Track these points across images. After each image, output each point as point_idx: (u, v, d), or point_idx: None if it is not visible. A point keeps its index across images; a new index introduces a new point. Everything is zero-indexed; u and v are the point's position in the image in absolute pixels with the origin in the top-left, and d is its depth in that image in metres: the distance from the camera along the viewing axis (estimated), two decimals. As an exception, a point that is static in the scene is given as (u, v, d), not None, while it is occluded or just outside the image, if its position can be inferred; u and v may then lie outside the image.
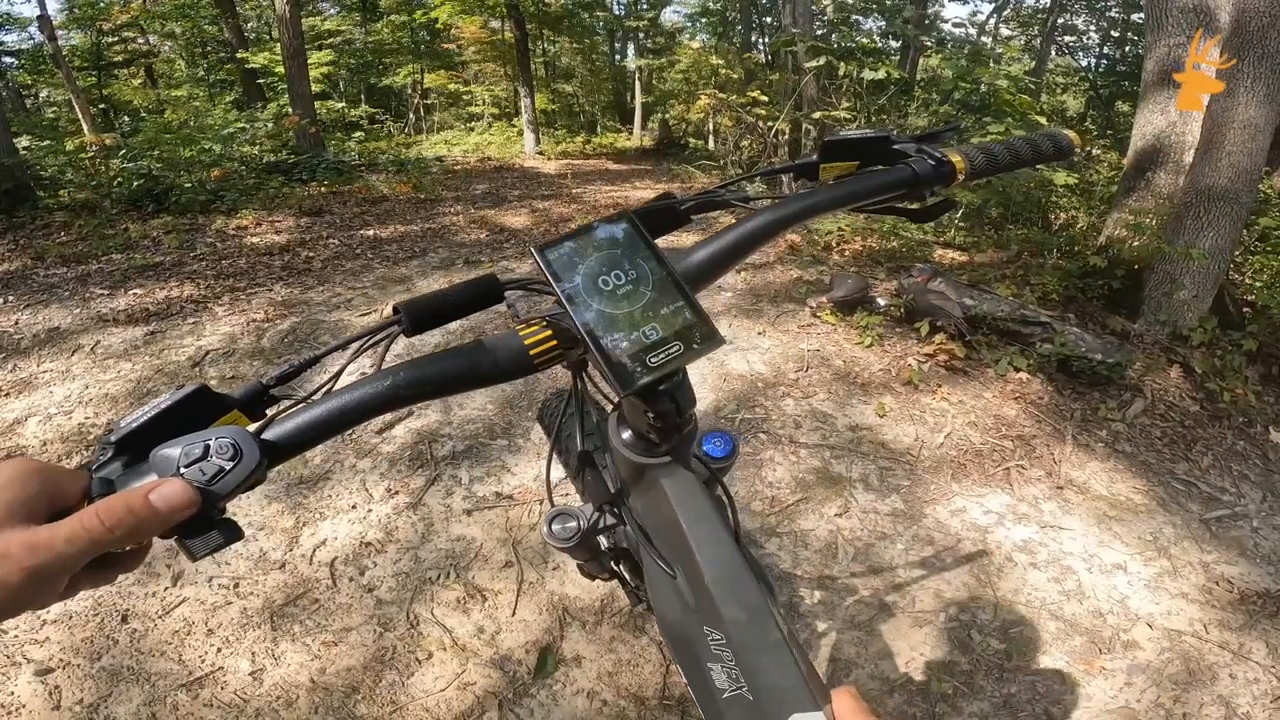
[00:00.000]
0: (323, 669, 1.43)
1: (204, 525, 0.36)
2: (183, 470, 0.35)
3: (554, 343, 0.47)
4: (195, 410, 0.39)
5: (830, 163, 0.61)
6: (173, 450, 0.35)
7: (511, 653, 1.48)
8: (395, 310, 0.46)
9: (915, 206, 0.62)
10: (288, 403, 0.43)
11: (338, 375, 0.44)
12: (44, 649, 1.46)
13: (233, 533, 0.37)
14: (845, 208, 0.59)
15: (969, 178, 0.62)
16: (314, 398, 0.42)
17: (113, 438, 0.37)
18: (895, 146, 0.61)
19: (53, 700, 1.35)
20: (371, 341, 0.47)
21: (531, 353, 0.46)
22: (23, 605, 0.32)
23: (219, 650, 1.47)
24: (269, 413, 0.44)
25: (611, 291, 0.44)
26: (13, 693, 1.36)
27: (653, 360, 0.42)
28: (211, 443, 0.36)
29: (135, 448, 0.37)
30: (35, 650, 1.45)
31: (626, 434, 0.53)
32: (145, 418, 0.37)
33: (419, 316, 0.46)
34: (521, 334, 0.47)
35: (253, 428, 0.39)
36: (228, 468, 0.35)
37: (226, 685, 1.39)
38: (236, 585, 1.63)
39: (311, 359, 0.44)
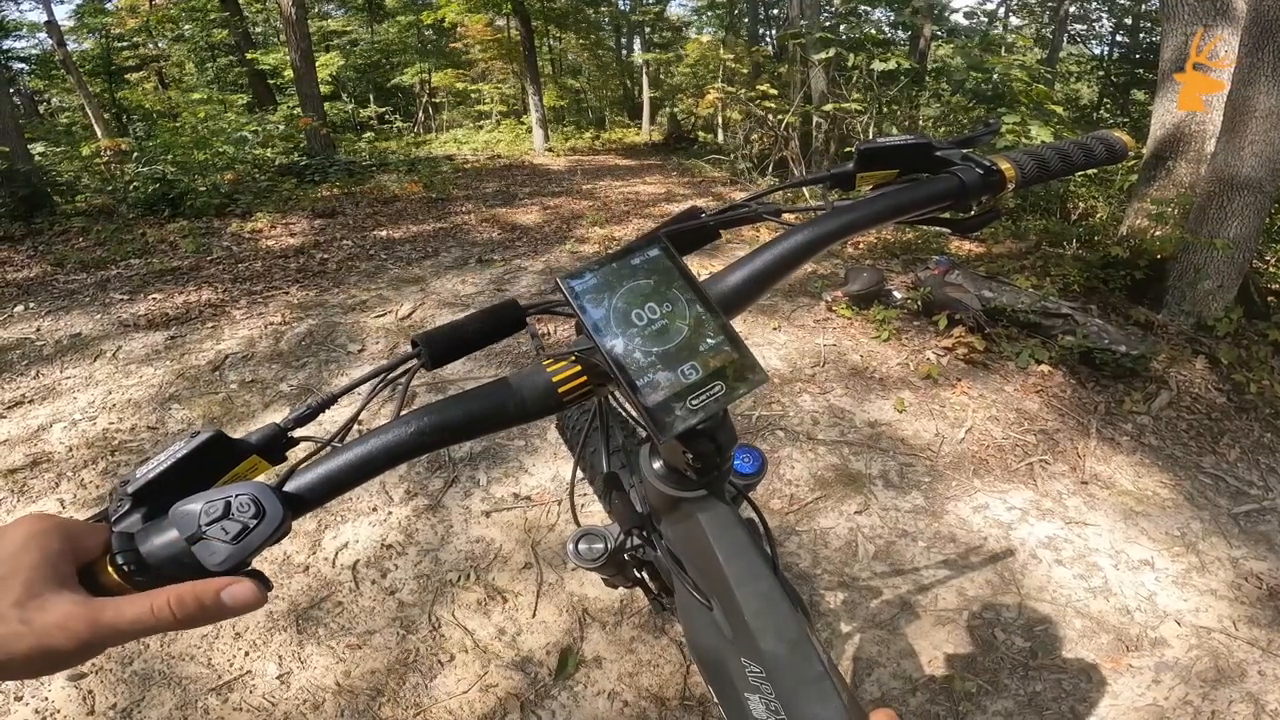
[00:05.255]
0: (348, 672, 1.45)
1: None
2: (204, 528, 0.34)
3: (584, 379, 0.44)
4: (212, 457, 0.38)
5: (867, 171, 0.57)
6: (193, 506, 0.34)
7: (532, 654, 1.49)
8: (414, 344, 0.44)
9: (958, 217, 0.58)
10: (306, 444, 0.42)
11: (356, 416, 0.43)
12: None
13: (262, 585, 0.36)
14: (888, 222, 0.56)
15: (1019, 186, 0.58)
16: (335, 443, 0.41)
17: (130, 489, 0.36)
18: (938, 153, 0.57)
19: (87, 705, 1.37)
20: (390, 378, 0.45)
21: (560, 390, 0.44)
22: (60, 669, 0.32)
23: (247, 654, 1.49)
24: (288, 455, 0.42)
25: (645, 327, 0.41)
26: (47, 698, 1.38)
27: (693, 403, 0.39)
28: (232, 500, 0.35)
29: (154, 499, 0.36)
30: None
31: (658, 464, 0.51)
32: (162, 467, 0.36)
33: (438, 349, 0.44)
34: (549, 370, 0.45)
35: (270, 478, 0.38)
36: (251, 525, 0.35)
37: (255, 689, 1.41)
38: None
39: (329, 398, 0.43)
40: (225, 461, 0.39)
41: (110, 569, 0.34)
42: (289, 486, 0.38)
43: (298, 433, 0.42)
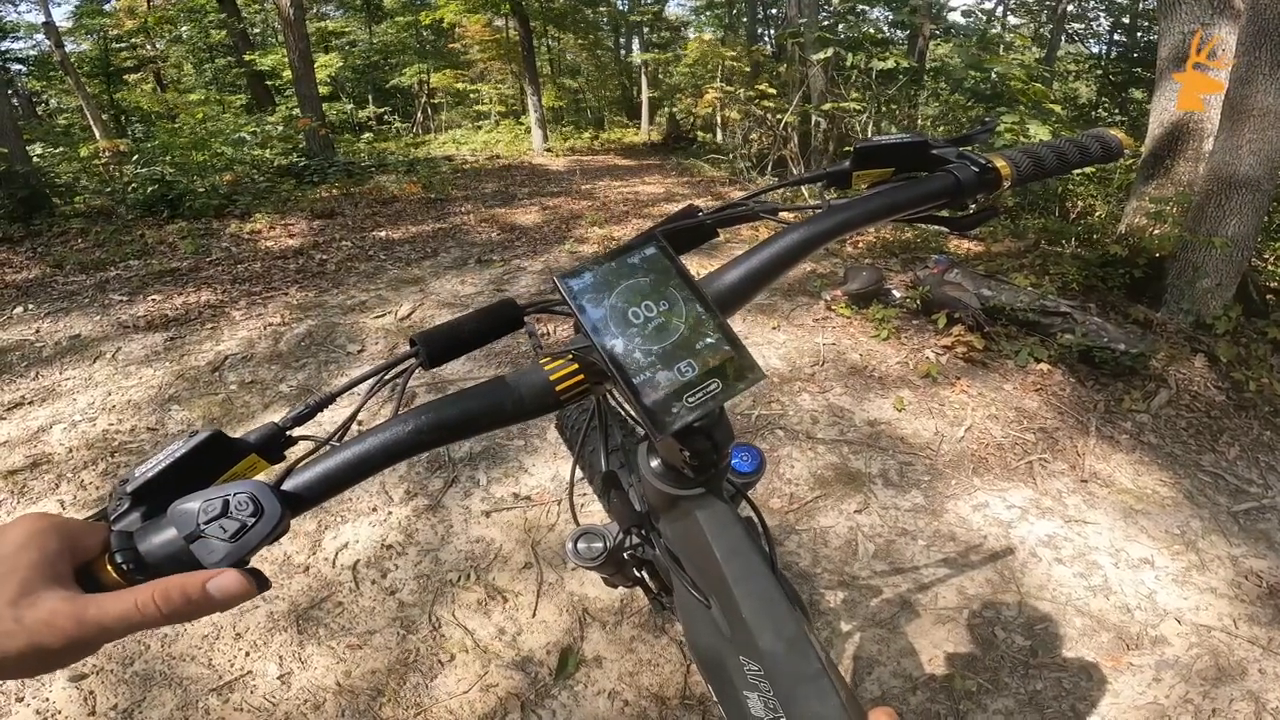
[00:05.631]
0: (348, 672, 1.45)
1: None
2: (203, 526, 0.34)
3: (581, 378, 0.45)
4: (211, 456, 0.38)
5: (864, 170, 0.57)
6: (192, 505, 0.35)
7: (533, 654, 1.49)
8: (412, 342, 0.45)
9: (955, 215, 0.58)
10: (305, 443, 0.42)
11: (354, 415, 0.43)
12: (76, 654, 1.48)
13: (261, 582, 0.36)
14: (884, 220, 0.56)
15: (1014, 184, 0.58)
16: (333, 442, 0.41)
17: (129, 488, 0.36)
18: (934, 152, 0.57)
19: (88, 706, 1.37)
20: (388, 377, 0.45)
21: (557, 389, 0.44)
22: (54, 668, 0.32)
23: (247, 654, 1.49)
24: (287, 454, 0.43)
25: (642, 325, 0.41)
26: (49, 699, 1.38)
27: (690, 400, 0.39)
28: (230, 498, 0.35)
29: (153, 498, 0.36)
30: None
31: (656, 463, 0.51)
32: (160, 466, 0.36)
33: (436, 348, 0.45)
34: (546, 369, 0.45)
35: (268, 476, 0.39)
36: (249, 524, 0.35)
37: (256, 689, 1.41)
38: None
39: (328, 397, 0.43)
40: (224, 461, 0.39)
41: (109, 568, 0.34)
42: (287, 485, 0.38)
43: (296, 432, 0.42)
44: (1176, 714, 1.39)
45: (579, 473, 0.85)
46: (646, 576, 0.76)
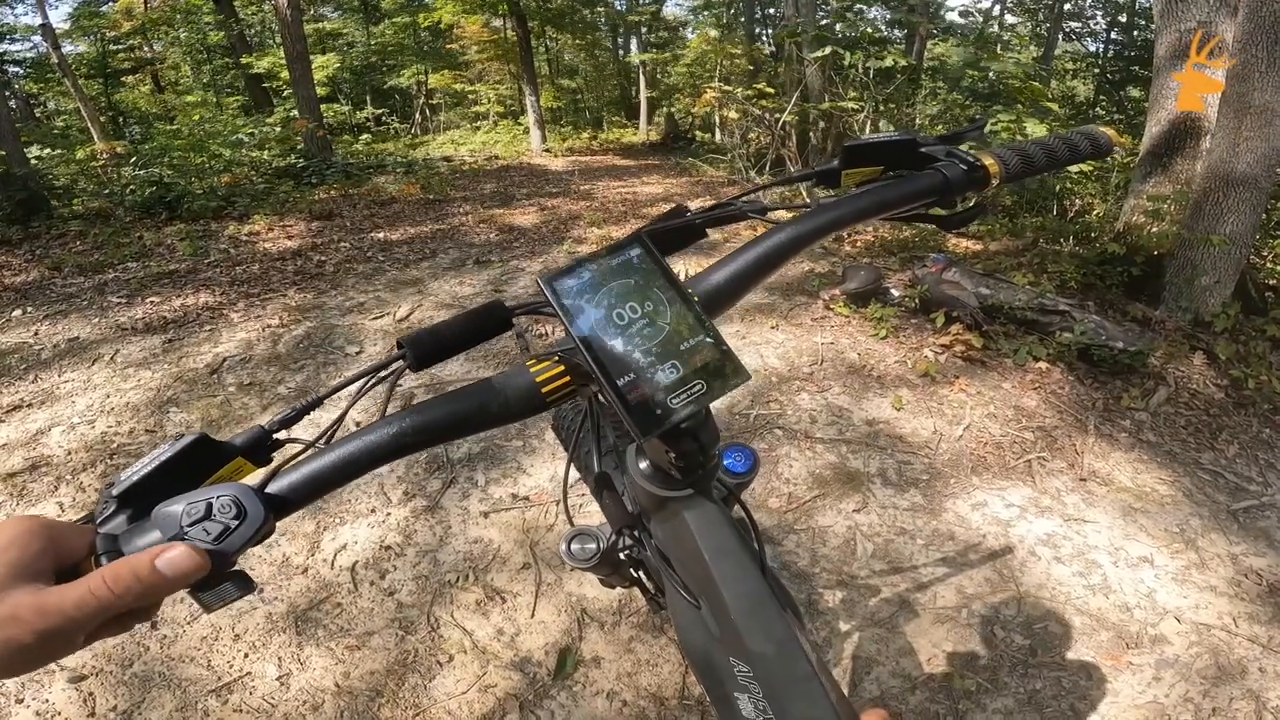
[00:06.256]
0: (347, 673, 1.45)
1: (215, 579, 0.35)
2: (186, 529, 0.34)
3: (567, 379, 0.45)
4: (198, 459, 0.39)
5: (852, 169, 0.57)
6: (175, 508, 0.35)
7: (531, 654, 1.49)
8: (399, 345, 0.45)
9: (944, 213, 0.58)
10: (291, 446, 0.42)
11: (341, 418, 0.43)
12: (77, 656, 1.47)
13: (245, 584, 0.36)
14: (873, 218, 0.56)
15: (1003, 181, 0.58)
16: (319, 444, 0.41)
17: (115, 491, 0.36)
18: (922, 150, 0.57)
19: (87, 707, 1.37)
20: (375, 380, 0.45)
21: (544, 390, 0.44)
22: (37, 664, 0.32)
23: (246, 655, 1.48)
24: (273, 457, 0.43)
25: (627, 326, 0.41)
26: (48, 700, 1.38)
27: (674, 402, 0.39)
28: (214, 501, 0.35)
29: (139, 500, 0.36)
30: (68, 658, 1.47)
31: (645, 464, 0.51)
32: (146, 470, 0.37)
33: (423, 351, 0.45)
34: (533, 370, 0.45)
35: (256, 479, 0.39)
36: (233, 526, 0.35)
37: (255, 690, 1.41)
38: (261, 591, 1.65)
39: (314, 401, 0.43)
40: (211, 464, 0.40)
41: (96, 570, 0.34)
42: (272, 488, 0.39)
43: (282, 435, 0.43)
44: (1176, 713, 1.39)
45: (575, 473, 0.85)
46: (643, 577, 0.76)
